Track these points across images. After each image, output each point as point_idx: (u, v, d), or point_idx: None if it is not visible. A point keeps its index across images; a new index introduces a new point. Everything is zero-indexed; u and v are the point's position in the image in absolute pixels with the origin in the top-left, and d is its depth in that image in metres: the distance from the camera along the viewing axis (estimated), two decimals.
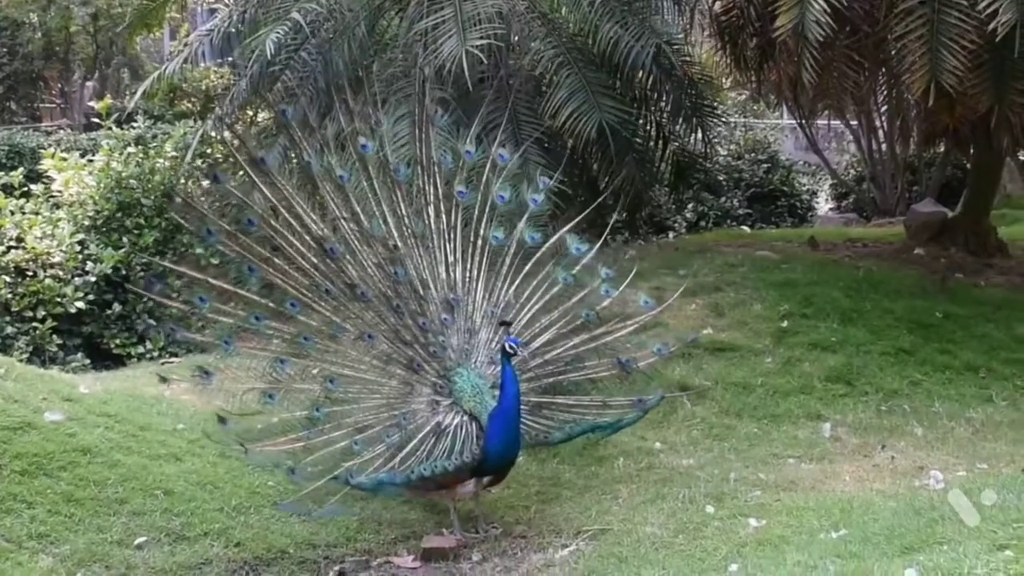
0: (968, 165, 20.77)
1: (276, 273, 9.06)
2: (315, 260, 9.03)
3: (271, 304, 9.09)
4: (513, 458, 8.92)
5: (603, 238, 9.99)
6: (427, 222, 9.23)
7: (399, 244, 9.10)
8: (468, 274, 9.24)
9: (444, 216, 9.30)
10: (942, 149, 22.72)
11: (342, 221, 9.10)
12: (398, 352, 8.97)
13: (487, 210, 9.40)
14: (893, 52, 14.02)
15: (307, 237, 9.04)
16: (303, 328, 9.02)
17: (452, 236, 9.28)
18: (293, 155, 9.98)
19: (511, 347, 8.49)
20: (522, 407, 8.75)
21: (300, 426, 8.81)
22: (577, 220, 9.78)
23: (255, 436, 8.96)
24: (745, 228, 22.64)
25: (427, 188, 9.32)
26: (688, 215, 23.67)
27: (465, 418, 8.72)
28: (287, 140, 10.01)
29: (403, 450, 8.60)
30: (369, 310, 9.03)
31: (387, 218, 9.14)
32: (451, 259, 9.22)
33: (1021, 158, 24.47)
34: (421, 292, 9.03)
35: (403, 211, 9.20)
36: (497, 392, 8.69)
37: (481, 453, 8.62)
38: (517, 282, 9.33)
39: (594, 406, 9.40)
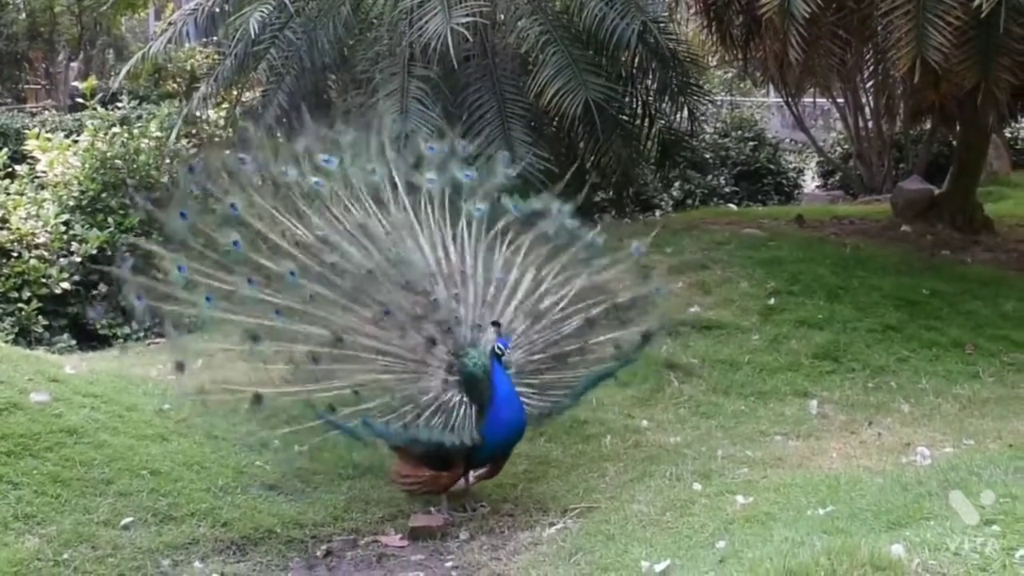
0: (954, 142, 20.75)
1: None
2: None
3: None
4: (507, 451, 8.94)
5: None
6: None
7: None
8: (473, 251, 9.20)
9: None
10: (928, 126, 22.72)
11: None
12: (414, 326, 8.85)
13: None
14: (879, 28, 14.03)
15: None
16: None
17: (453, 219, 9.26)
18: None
19: (499, 348, 8.45)
20: (531, 387, 8.85)
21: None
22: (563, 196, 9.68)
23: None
24: (732, 206, 22.63)
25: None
26: (675, 193, 23.62)
27: (467, 400, 8.69)
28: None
29: (404, 408, 8.59)
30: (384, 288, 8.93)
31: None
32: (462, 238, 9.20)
33: (1007, 135, 24.53)
34: (440, 268, 9.06)
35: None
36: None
37: (480, 438, 8.59)
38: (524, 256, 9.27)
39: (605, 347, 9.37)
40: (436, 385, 8.74)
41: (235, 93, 17.51)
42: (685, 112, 16.81)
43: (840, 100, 24.76)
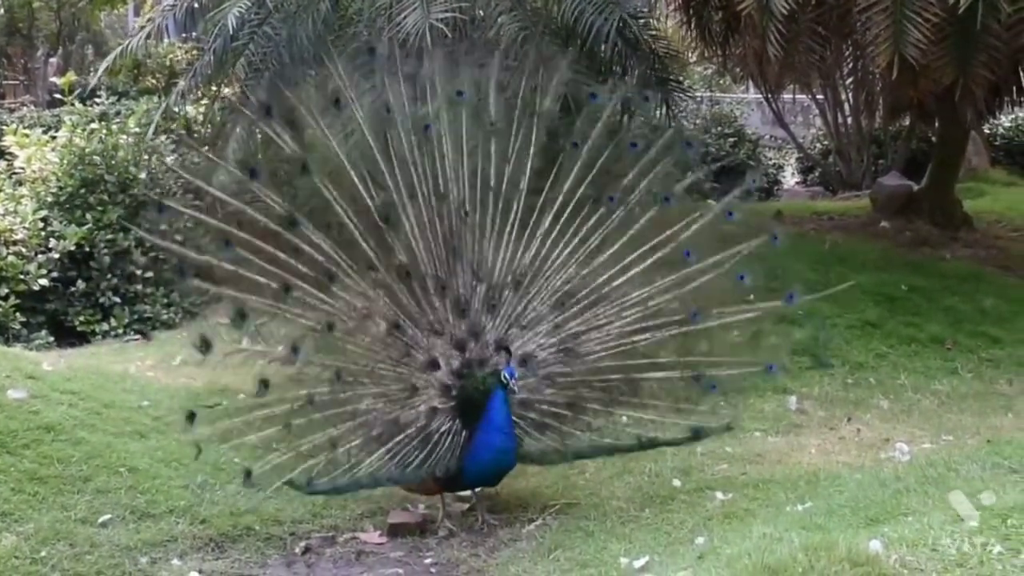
0: (933, 138, 20.81)
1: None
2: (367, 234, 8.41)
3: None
4: (492, 481, 8.66)
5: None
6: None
7: (466, 210, 8.52)
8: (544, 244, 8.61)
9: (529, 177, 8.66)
10: (908, 122, 22.77)
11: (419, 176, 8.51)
12: (422, 343, 8.45)
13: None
14: (858, 25, 14.03)
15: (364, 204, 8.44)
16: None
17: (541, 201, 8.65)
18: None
19: (506, 378, 8.02)
20: (538, 413, 8.49)
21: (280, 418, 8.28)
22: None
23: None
24: (711, 202, 22.59)
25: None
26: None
27: (457, 426, 8.38)
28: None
29: (374, 453, 8.27)
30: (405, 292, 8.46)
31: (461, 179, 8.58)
32: (536, 232, 8.61)
33: (986, 131, 24.58)
34: (476, 271, 8.48)
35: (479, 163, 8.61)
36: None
37: (458, 469, 8.35)
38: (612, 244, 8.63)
39: (634, 423, 8.81)
40: (420, 415, 8.40)
41: (214, 89, 17.47)
42: (664, 108, 16.78)
43: (819, 96, 24.80)
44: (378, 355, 8.53)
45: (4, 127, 18.54)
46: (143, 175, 15.51)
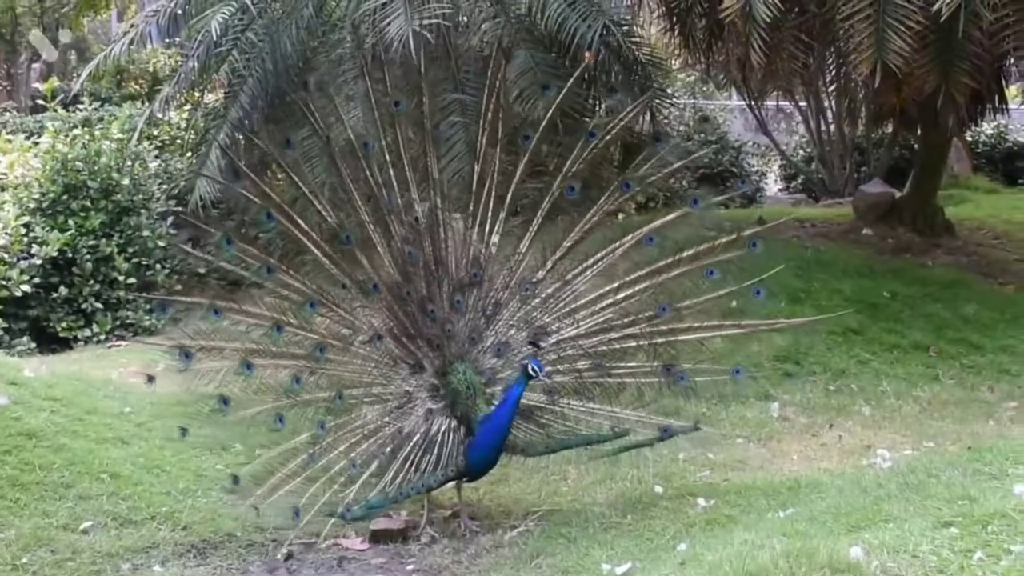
0: (916, 146, 20.87)
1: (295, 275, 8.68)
2: (330, 252, 8.66)
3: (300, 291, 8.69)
4: (491, 468, 8.72)
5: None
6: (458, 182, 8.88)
7: (420, 217, 8.65)
8: (501, 243, 8.76)
9: (488, 176, 8.74)
10: (890, 130, 22.83)
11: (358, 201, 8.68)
12: (403, 350, 8.66)
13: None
14: (840, 33, 14.06)
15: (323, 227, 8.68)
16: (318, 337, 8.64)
17: (489, 199, 8.73)
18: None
19: (534, 370, 8.07)
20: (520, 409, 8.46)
21: (302, 449, 8.43)
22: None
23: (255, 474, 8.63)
24: (711, 204, 22.56)
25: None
26: (638, 196, 23.57)
27: (453, 423, 8.51)
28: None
29: (392, 467, 8.36)
30: (380, 305, 8.69)
31: (408, 187, 8.69)
32: (487, 226, 8.72)
33: (968, 138, 24.66)
34: (435, 271, 8.62)
35: (436, 173, 8.73)
36: (490, 391, 8.56)
37: (466, 463, 8.46)
38: (570, 243, 8.78)
39: (604, 417, 8.81)
40: (419, 419, 8.54)
41: (197, 95, 17.45)
42: (648, 115, 16.78)
43: (802, 103, 24.87)
44: (369, 369, 8.70)
45: None
46: (126, 181, 15.47)
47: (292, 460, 8.39)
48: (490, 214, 8.73)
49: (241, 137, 14.30)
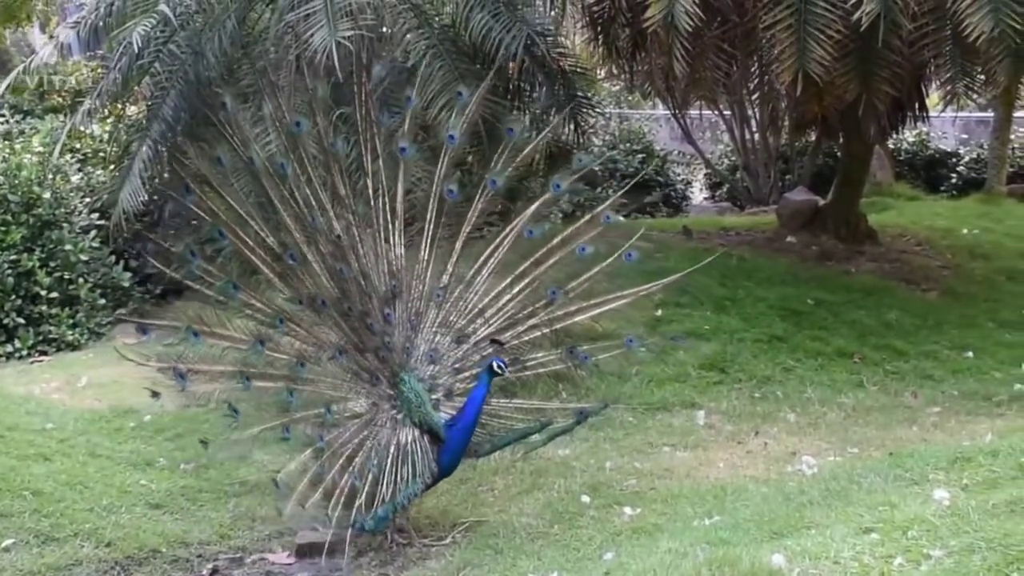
0: (839, 153, 21.04)
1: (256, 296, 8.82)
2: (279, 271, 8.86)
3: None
4: (455, 470, 8.81)
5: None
6: (363, 201, 8.89)
7: (341, 234, 8.72)
8: (406, 253, 8.90)
9: (380, 189, 8.88)
10: (813, 138, 22.97)
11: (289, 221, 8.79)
12: (360, 363, 8.73)
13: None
14: (763, 42, 14.18)
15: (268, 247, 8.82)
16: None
17: (386, 211, 8.89)
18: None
19: (499, 367, 8.23)
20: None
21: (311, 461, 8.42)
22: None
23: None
24: (620, 218, 22.66)
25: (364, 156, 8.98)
26: (564, 206, 23.63)
27: (416, 432, 8.48)
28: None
29: (383, 479, 8.32)
30: (331, 321, 8.76)
31: (325, 206, 8.76)
32: (391, 239, 8.87)
33: (891, 146, 24.88)
34: (364, 286, 8.70)
35: (344, 191, 8.80)
36: (435, 397, 8.62)
37: (439, 467, 8.48)
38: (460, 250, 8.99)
39: (529, 411, 9.06)
40: (390, 431, 8.52)
41: (120, 107, 17.30)
42: (572, 125, 16.82)
43: (727, 112, 24.99)
44: (340, 383, 8.79)
45: None
46: (47, 195, 15.29)
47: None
48: (391, 226, 8.89)
49: (164, 151, 14.24)
